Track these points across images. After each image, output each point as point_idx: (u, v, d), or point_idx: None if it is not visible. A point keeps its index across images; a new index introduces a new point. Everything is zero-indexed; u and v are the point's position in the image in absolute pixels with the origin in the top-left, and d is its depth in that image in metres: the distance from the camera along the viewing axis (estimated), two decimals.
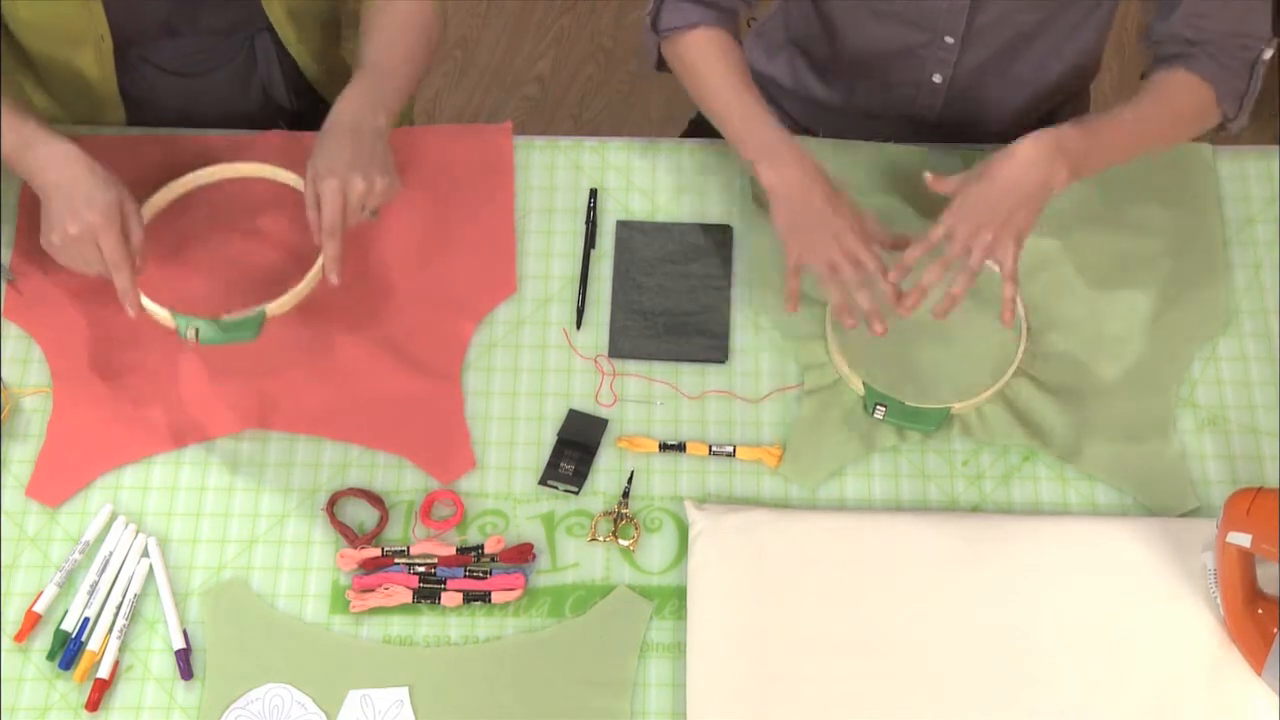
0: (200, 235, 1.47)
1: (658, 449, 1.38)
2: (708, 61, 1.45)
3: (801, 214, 1.37)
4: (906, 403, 1.38)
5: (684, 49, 1.47)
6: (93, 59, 1.50)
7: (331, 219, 1.32)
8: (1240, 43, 1.40)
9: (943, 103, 1.57)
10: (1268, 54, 1.41)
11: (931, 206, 1.50)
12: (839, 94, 1.63)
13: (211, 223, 1.47)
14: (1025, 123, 1.58)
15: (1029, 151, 1.32)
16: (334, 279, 1.34)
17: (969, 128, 1.59)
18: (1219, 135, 1.48)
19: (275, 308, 1.37)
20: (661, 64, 1.52)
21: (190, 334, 1.34)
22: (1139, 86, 1.44)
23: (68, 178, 1.32)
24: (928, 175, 1.39)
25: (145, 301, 1.35)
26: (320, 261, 1.36)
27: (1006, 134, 1.57)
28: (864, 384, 1.39)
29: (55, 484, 1.36)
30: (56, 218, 1.32)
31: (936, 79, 1.54)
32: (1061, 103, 1.64)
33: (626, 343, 1.45)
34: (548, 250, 1.50)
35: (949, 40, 1.49)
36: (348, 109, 1.38)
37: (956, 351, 1.42)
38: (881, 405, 1.38)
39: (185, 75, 1.58)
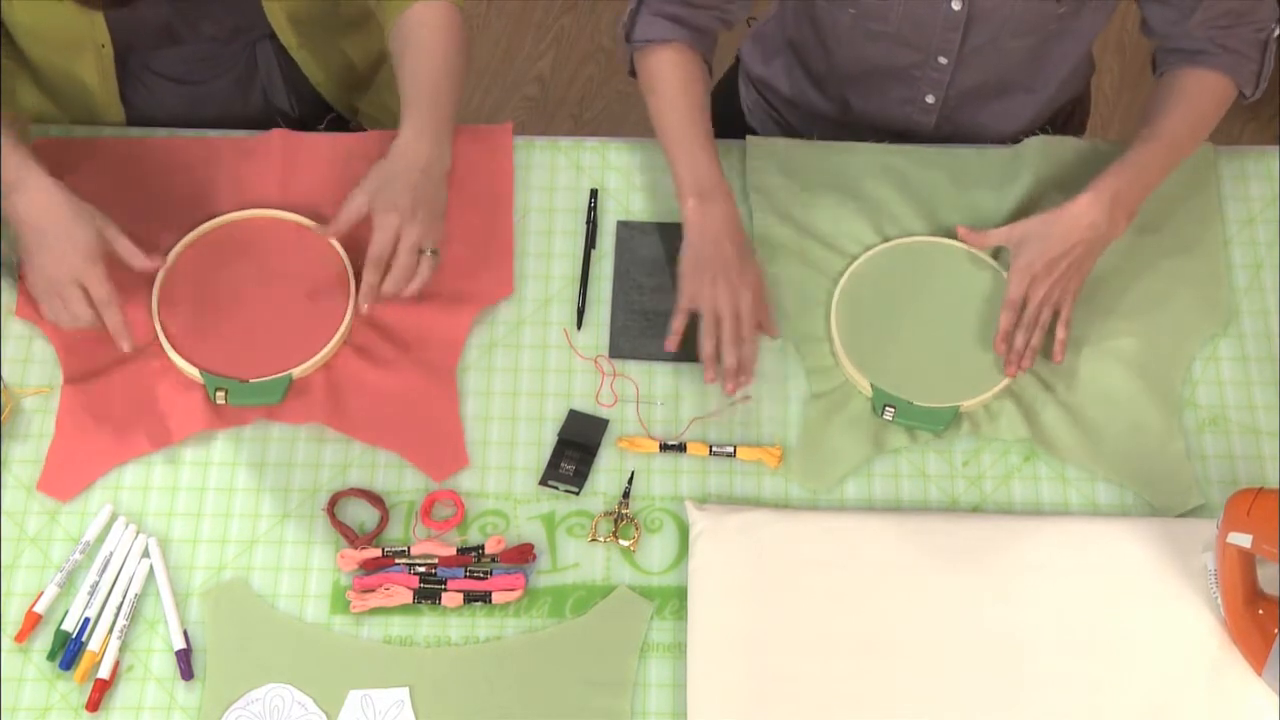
0: (222, 277, 1.46)
1: (658, 449, 1.38)
2: (669, 84, 1.45)
3: (710, 259, 1.39)
4: (915, 403, 1.38)
5: (652, 64, 1.46)
6: (94, 66, 1.50)
7: (380, 250, 1.37)
8: (1251, 29, 1.43)
9: (936, 120, 1.57)
10: (1277, 31, 1.44)
11: (930, 206, 1.50)
12: (834, 105, 1.63)
13: (233, 265, 1.46)
14: (1028, 131, 1.58)
15: (1089, 211, 1.37)
16: (364, 308, 1.39)
17: (966, 142, 1.58)
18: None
19: (300, 371, 1.39)
20: (635, 71, 1.51)
21: (220, 398, 1.37)
22: (1156, 90, 1.46)
23: (48, 219, 1.33)
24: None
25: (176, 359, 1.38)
26: (344, 326, 1.40)
27: (1005, 139, 1.57)
28: (872, 385, 1.39)
29: (66, 478, 1.36)
30: (38, 261, 1.33)
31: (929, 99, 1.54)
32: (1059, 109, 1.63)
33: (627, 343, 1.44)
34: (548, 250, 1.50)
35: (942, 61, 1.49)
36: (422, 149, 1.39)
37: (963, 349, 1.42)
38: (890, 406, 1.38)
39: (187, 83, 1.58)
